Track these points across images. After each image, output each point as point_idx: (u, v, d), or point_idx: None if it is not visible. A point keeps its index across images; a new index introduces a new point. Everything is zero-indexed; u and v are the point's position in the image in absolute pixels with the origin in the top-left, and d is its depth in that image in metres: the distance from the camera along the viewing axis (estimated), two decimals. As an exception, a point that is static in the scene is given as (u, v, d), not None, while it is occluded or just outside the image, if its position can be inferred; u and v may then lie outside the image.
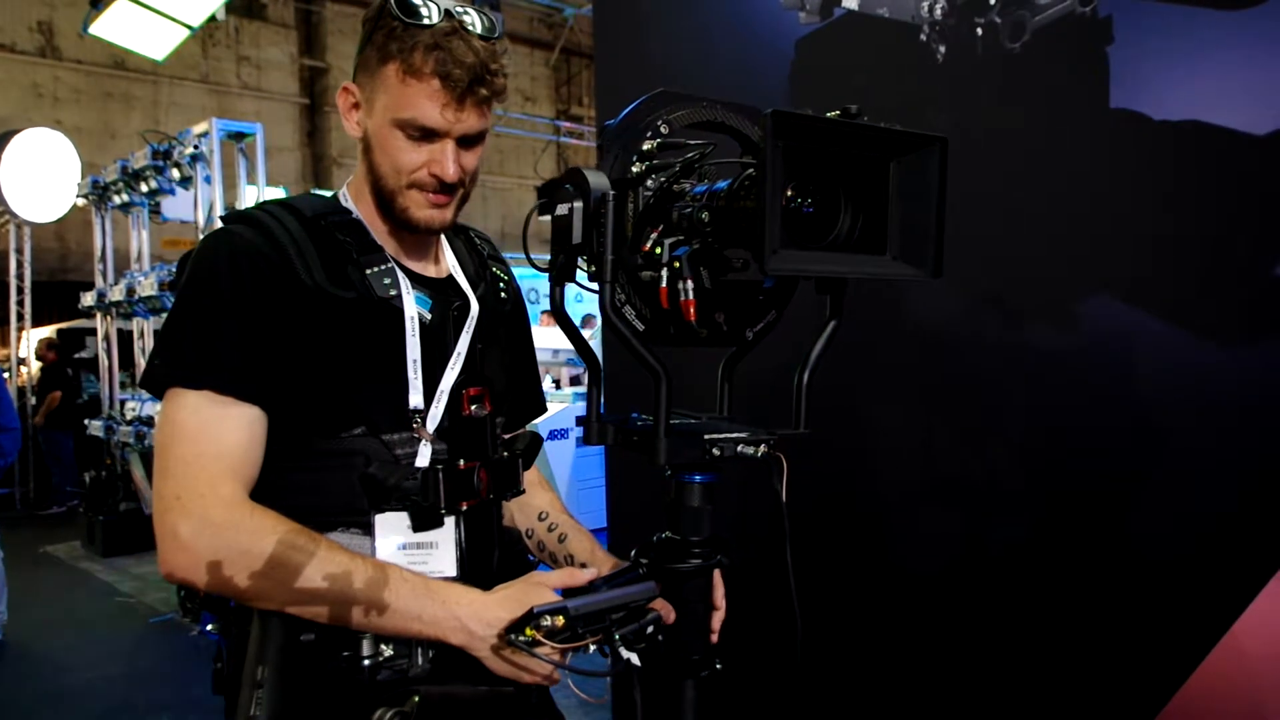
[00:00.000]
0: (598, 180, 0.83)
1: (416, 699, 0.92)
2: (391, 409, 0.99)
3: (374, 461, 0.97)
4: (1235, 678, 1.42)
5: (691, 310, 0.81)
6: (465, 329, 1.07)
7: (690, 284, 0.80)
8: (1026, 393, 1.67)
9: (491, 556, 1.06)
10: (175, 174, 4.93)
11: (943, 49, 1.72)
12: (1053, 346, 1.61)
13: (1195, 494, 1.46)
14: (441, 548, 1.01)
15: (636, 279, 0.86)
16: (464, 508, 1.01)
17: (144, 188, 5.21)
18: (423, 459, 0.99)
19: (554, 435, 6.11)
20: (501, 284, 1.18)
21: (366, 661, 0.94)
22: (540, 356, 4.49)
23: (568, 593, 0.91)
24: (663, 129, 0.89)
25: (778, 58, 2.07)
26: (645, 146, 0.88)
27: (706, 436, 0.85)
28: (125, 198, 5.48)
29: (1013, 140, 1.64)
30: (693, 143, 0.88)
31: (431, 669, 0.95)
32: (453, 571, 1.01)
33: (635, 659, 0.78)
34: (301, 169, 12.75)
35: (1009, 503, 1.71)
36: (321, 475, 0.97)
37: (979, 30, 1.65)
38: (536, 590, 0.92)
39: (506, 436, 1.13)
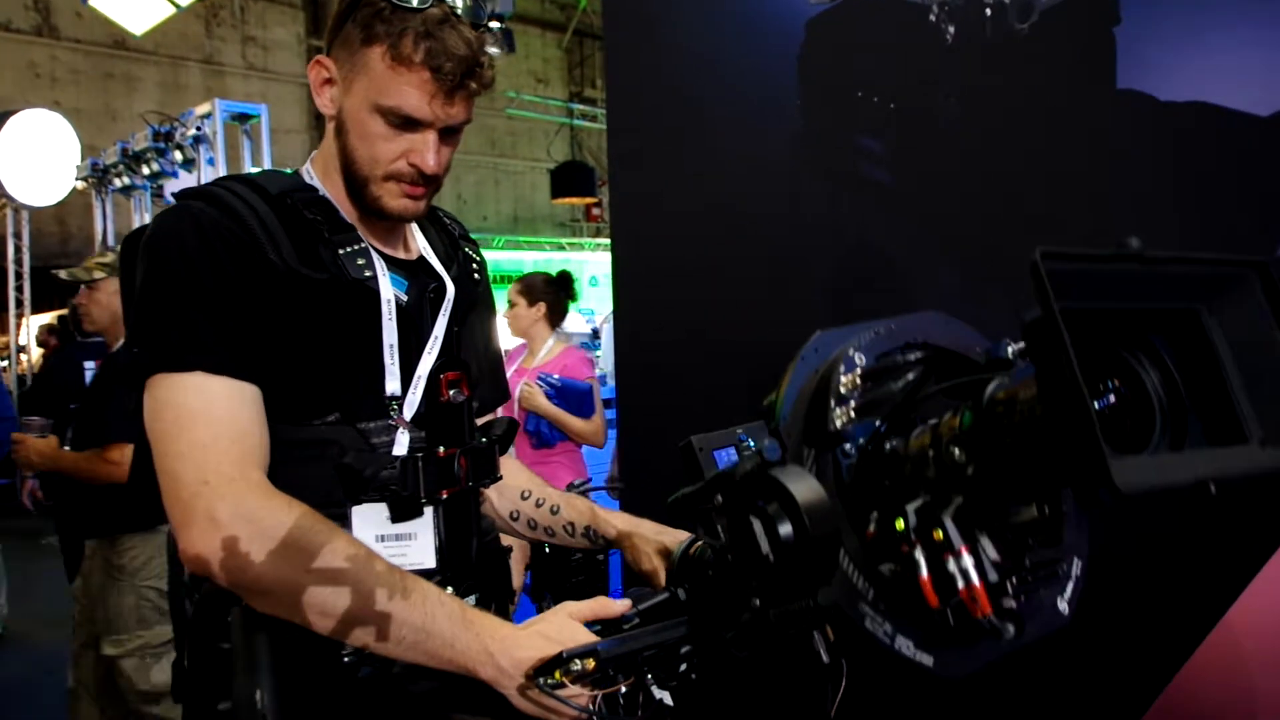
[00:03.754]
0: (810, 493, 0.58)
1: None
2: (367, 396, 0.99)
3: (349, 451, 0.97)
4: (1229, 666, 1.44)
5: (984, 599, 0.56)
6: (442, 311, 1.08)
7: (969, 559, 0.56)
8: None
9: (470, 546, 1.07)
10: (178, 156, 4.98)
11: (952, 29, 1.72)
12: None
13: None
14: (420, 539, 1.03)
15: (875, 576, 0.60)
16: (444, 496, 1.03)
17: (146, 170, 5.27)
18: (400, 447, 1.01)
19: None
20: (474, 265, 1.19)
21: (347, 658, 0.93)
22: None
23: (603, 627, 0.88)
24: (857, 358, 0.65)
25: (787, 39, 2.08)
26: (842, 384, 0.64)
27: None
28: (126, 180, 5.55)
29: (1020, 122, 1.65)
30: (902, 368, 0.66)
31: (407, 668, 0.94)
32: (431, 563, 1.03)
33: (668, 698, 0.76)
34: (308, 151, 12.72)
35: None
36: (292, 466, 0.95)
37: (988, 11, 1.64)
38: (569, 627, 0.87)
39: (480, 422, 1.14)
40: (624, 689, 0.77)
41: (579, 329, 7.60)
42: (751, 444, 0.85)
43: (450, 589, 1.03)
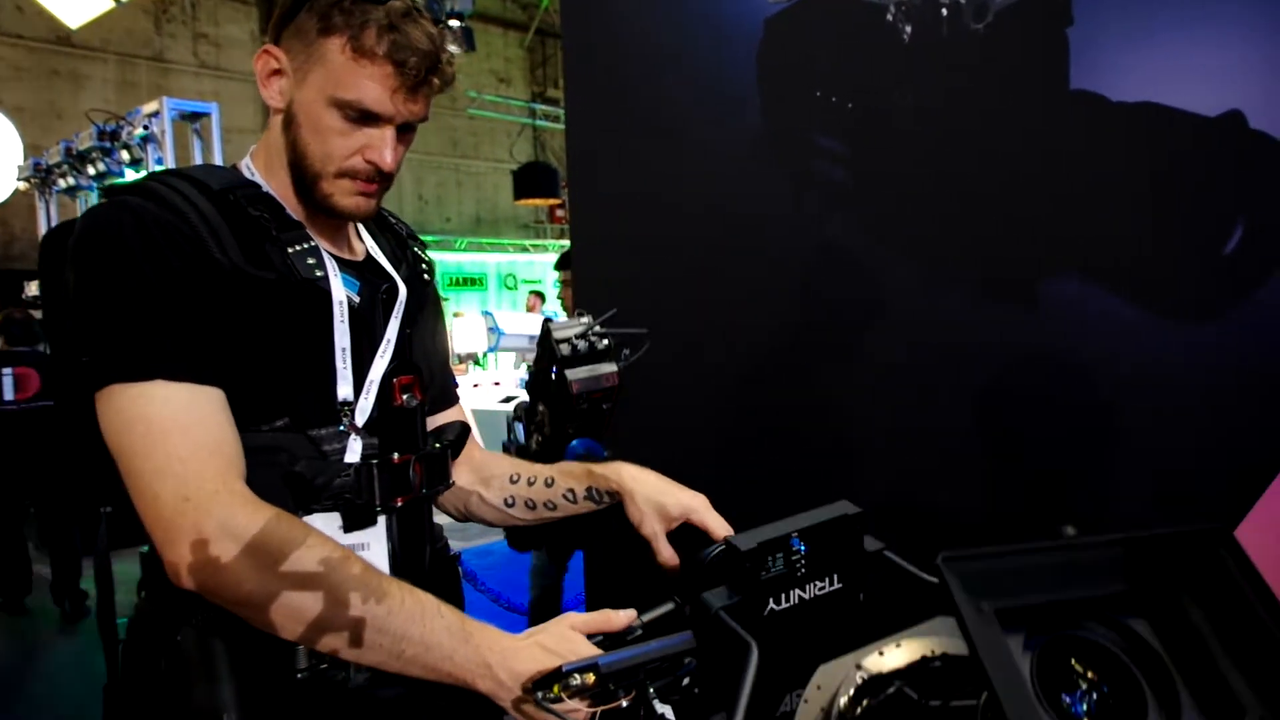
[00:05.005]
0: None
1: None
2: (317, 401, 0.97)
3: (299, 458, 0.95)
4: None
5: None
6: (394, 314, 1.06)
7: None
8: (986, 374, 1.72)
9: (423, 554, 1.06)
10: (125, 156, 4.87)
11: (909, 29, 1.74)
12: (1012, 327, 1.67)
13: (1149, 476, 1.53)
14: (373, 548, 1.01)
15: None
16: (398, 504, 1.01)
17: (91, 170, 5.14)
18: (353, 454, 0.99)
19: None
20: (424, 265, 1.18)
21: (301, 675, 0.91)
22: (515, 343, 4.39)
23: (605, 640, 0.87)
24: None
25: (746, 36, 2.09)
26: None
27: None
28: (71, 181, 5.41)
29: (976, 121, 1.68)
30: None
31: (371, 677, 0.92)
32: (385, 572, 1.01)
33: (670, 713, 0.75)
34: (263, 152, 12.59)
35: (967, 485, 1.77)
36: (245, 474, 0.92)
37: (944, 10, 1.66)
38: (570, 639, 0.85)
39: (431, 428, 1.13)
40: (624, 704, 0.75)
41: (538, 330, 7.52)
42: None
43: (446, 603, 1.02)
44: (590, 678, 0.73)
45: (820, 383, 2.02)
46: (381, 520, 1.01)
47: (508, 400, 6.38)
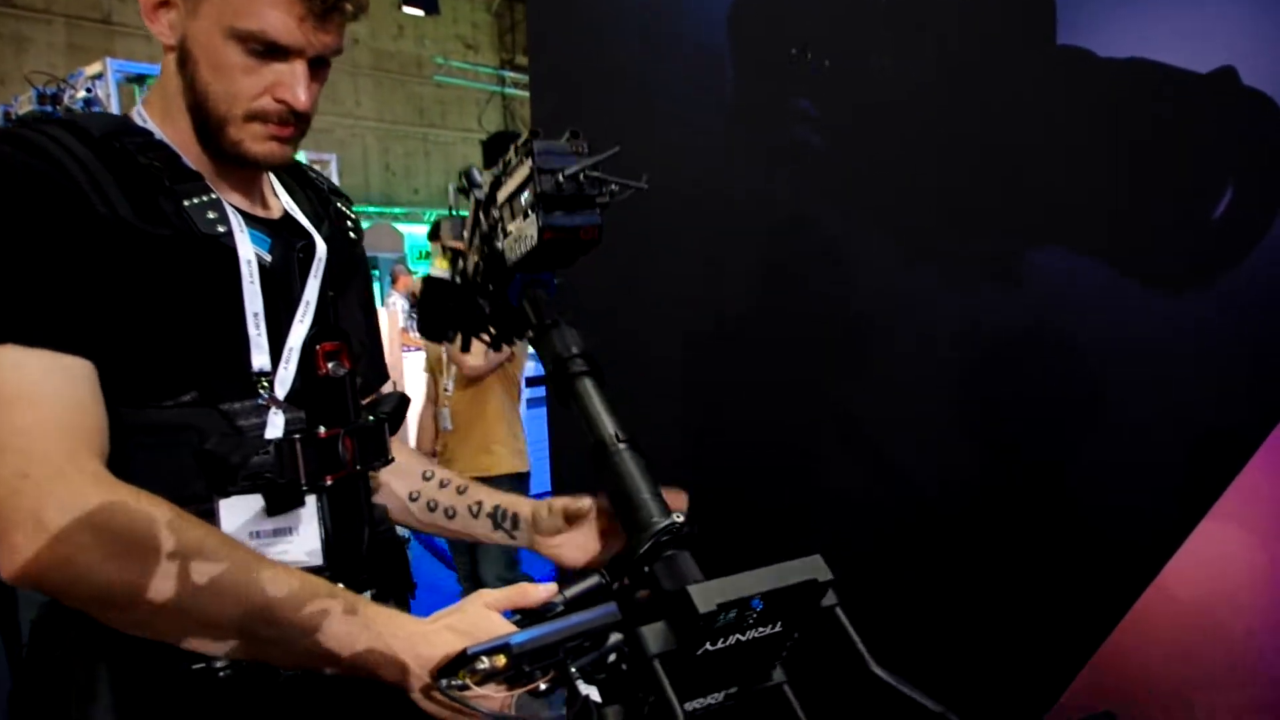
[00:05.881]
0: None
1: None
2: (229, 371, 0.89)
3: (211, 435, 0.87)
4: (1164, 622, 1.47)
5: None
6: (313, 273, 0.97)
7: None
8: (966, 349, 1.69)
9: (361, 537, 0.98)
10: (66, 120, 4.67)
11: (887, -16, 1.67)
12: (993, 299, 1.64)
13: (1132, 443, 1.51)
14: (302, 532, 0.93)
15: None
16: (328, 483, 0.93)
17: (31, 135, 4.94)
18: (274, 429, 0.91)
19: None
20: (349, 223, 1.09)
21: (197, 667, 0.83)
22: None
23: (523, 617, 0.80)
24: None
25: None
26: None
27: None
28: (11, 147, 5.20)
29: (959, 79, 1.62)
30: None
31: (234, 672, 0.84)
32: (318, 559, 0.93)
33: (595, 694, 0.69)
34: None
35: (944, 457, 1.74)
36: (142, 456, 0.84)
37: (924, -39, 1.59)
38: (483, 618, 0.79)
39: (366, 400, 1.05)
40: (543, 686, 0.69)
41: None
42: None
43: (340, 585, 0.94)
44: (500, 660, 0.66)
45: (793, 358, 1.98)
46: (311, 501, 0.93)
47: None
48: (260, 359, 0.91)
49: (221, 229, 0.89)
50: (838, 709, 1.07)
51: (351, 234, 1.09)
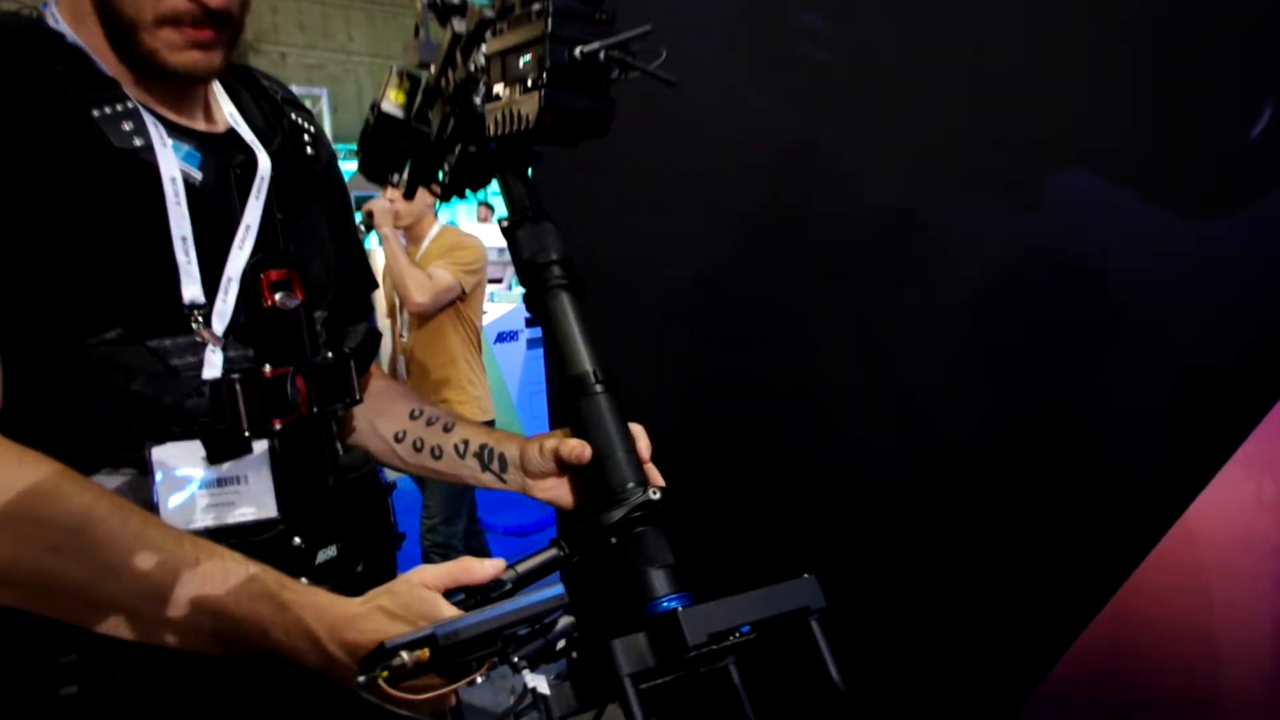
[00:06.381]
0: None
1: None
2: (157, 304, 0.79)
3: (138, 375, 0.77)
4: (1185, 564, 1.45)
5: None
6: (254, 193, 0.86)
7: None
8: (983, 278, 1.62)
9: (321, 488, 0.89)
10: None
11: None
12: (1010, 226, 1.56)
13: (1158, 378, 1.46)
14: (252, 482, 0.83)
15: None
16: (277, 427, 0.83)
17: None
18: (212, 368, 0.80)
19: (502, 338, 5.98)
20: (307, 137, 0.97)
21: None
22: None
23: (468, 596, 0.70)
24: None
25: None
26: None
27: None
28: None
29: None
30: None
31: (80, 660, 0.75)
32: (271, 511, 0.84)
33: (543, 684, 0.61)
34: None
35: (963, 391, 1.69)
36: (61, 401, 0.75)
37: None
38: (420, 600, 0.68)
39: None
40: (480, 679, 0.60)
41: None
42: None
43: (298, 540, 0.85)
44: (424, 653, 0.56)
45: (800, 289, 1.89)
46: (260, 447, 0.83)
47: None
48: (192, 290, 0.80)
49: (138, 142, 0.78)
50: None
51: (309, 149, 0.97)
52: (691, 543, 0.77)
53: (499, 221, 0.80)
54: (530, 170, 0.81)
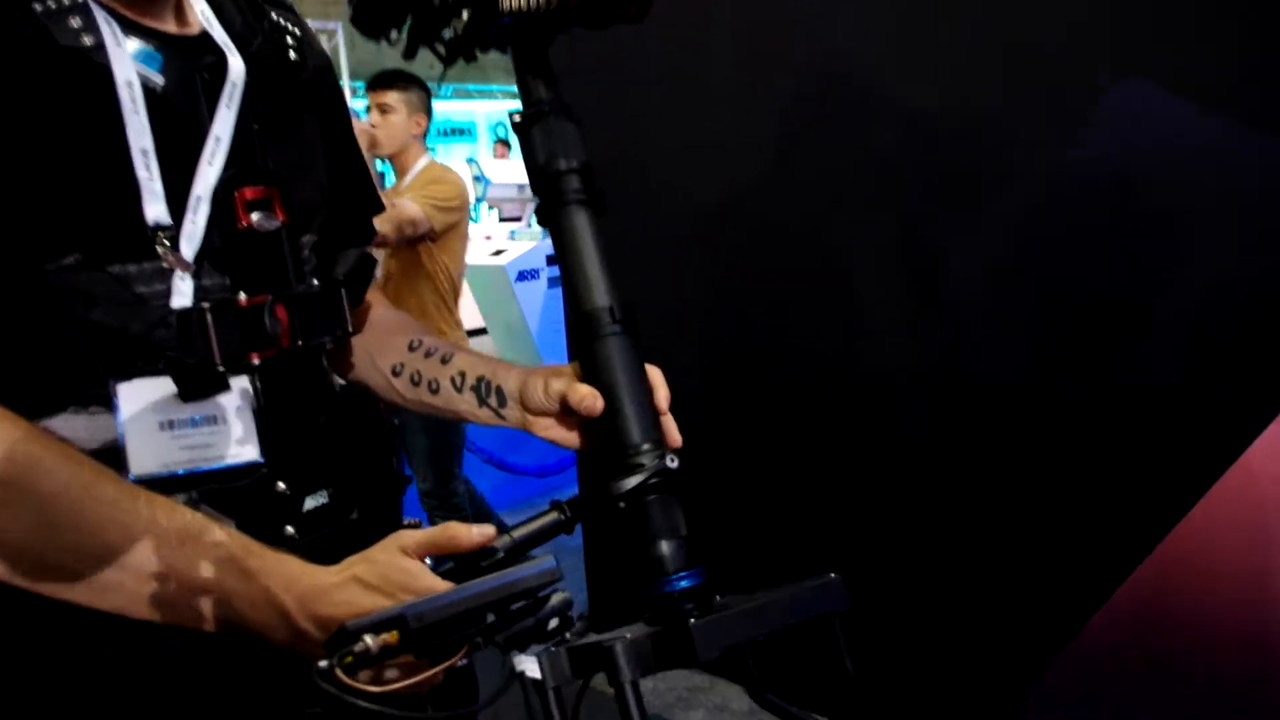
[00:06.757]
0: None
1: None
2: (118, 225, 0.71)
3: (99, 304, 0.70)
4: (1244, 501, 1.41)
5: None
6: (225, 100, 0.77)
7: None
8: (1030, 194, 1.54)
9: (310, 429, 0.81)
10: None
11: None
12: (1059, 140, 1.49)
13: (1215, 310, 1.39)
14: (230, 422, 0.76)
15: None
16: (255, 361, 0.76)
17: None
18: (181, 296, 0.73)
19: (523, 276, 5.89)
20: (290, 40, 0.87)
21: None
22: (504, 193, 3.94)
23: (456, 565, 0.63)
24: None
25: None
26: None
27: None
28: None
29: None
30: None
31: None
32: (254, 454, 0.77)
33: (534, 669, 0.55)
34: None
35: (1007, 316, 1.62)
36: (22, 333, 0.68)
37: None
38: (400, 569, 0.62)
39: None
40: (463, 661, 0.53)
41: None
42: None
43: (283, 486, 0.78)
44: (392, 636, 0.50)
45: (839, 199, 1.80)
46: (239, 384, 0.76)
47: (498, 254, 6.07)
48: (156, 209, 0.72)
49: (87, 40, 0.69)
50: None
51: (293, 53, 0.88)
52: (705, 503, 0.69)
53: (510, 115, 0.71)
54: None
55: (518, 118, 0.69)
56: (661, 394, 0.74)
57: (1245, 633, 1.43)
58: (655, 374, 0.75)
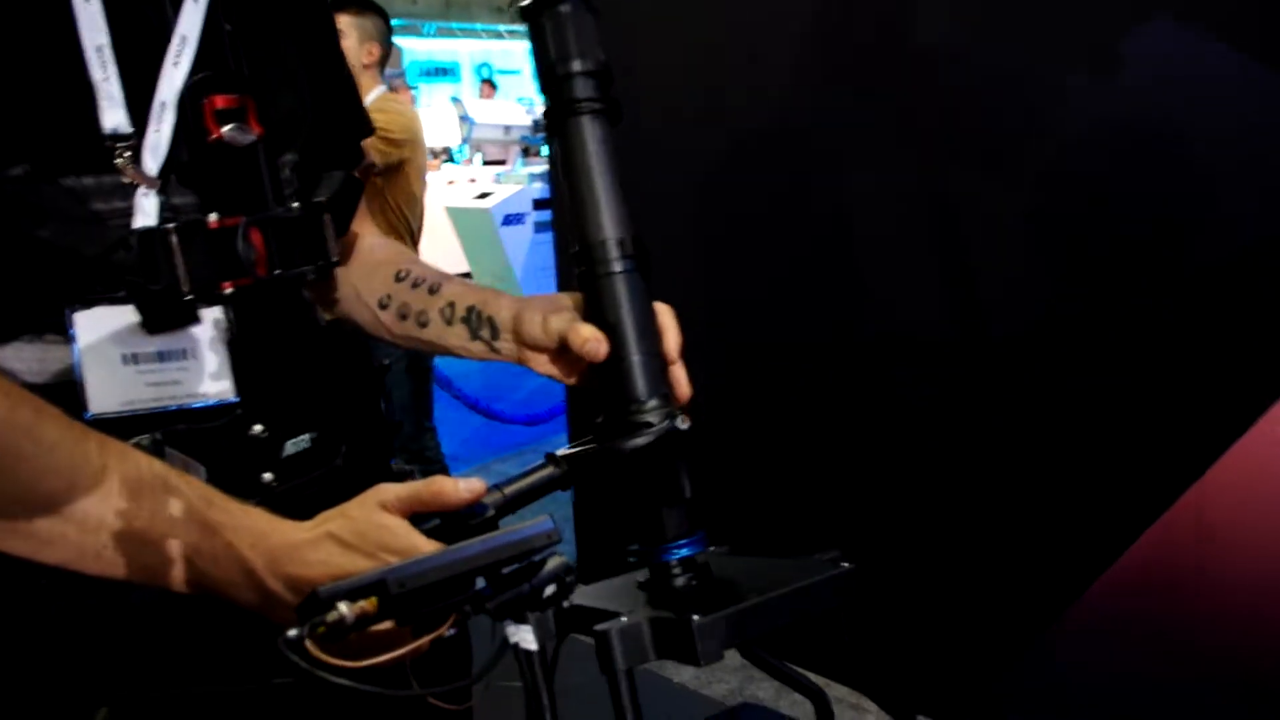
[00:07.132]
0: None
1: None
2: (71, 133, 0.63)
3: (50, 220, 0.62)
4: (1266, 462, 1.41)
5: None
6: None
7: None
8: (1056, 141, 1.52)
9: (293, 365, 0.75)
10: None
11: None
12: (1087, 87, 1.46)
13: (1240, 269, 1.37)
14: (201, 356, 0.69)
15: None
16: (227, 290, 0.69)
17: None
18: (144, 215, 0.65)
19: (509, 220, 5.79)
20: None
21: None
22: (489, 134, 3.79)
23: (443, 523, 0.56)
24: None
25: None
26: None
27: None
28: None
29: None
30: None
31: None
32: (229, 394, 0.70)
33: (528, 640, 0.49)
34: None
35: (1025, 268, 1.60)
36: None
37: None
38: (377, 525, 0.55)
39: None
40: (450, 632, 0.48)
41: (519, 120, 6.92)
42: None
43: (260, 428, 0.71)
44: (371, 604, 0.44)
45: (852, 153, 1.76)
46: (211, 315, 0.69)
47: (483, 196, 5.94)
48: (114, 116, 0.64)
49: None
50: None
51: None
52: (707, 463, 0.64)
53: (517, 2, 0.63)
54: None
55: (527, 1, 0.61)
56: (672, 338, 0.68)
57: (1236, 617, 1.45)
58: (666, 315, 0.69)
